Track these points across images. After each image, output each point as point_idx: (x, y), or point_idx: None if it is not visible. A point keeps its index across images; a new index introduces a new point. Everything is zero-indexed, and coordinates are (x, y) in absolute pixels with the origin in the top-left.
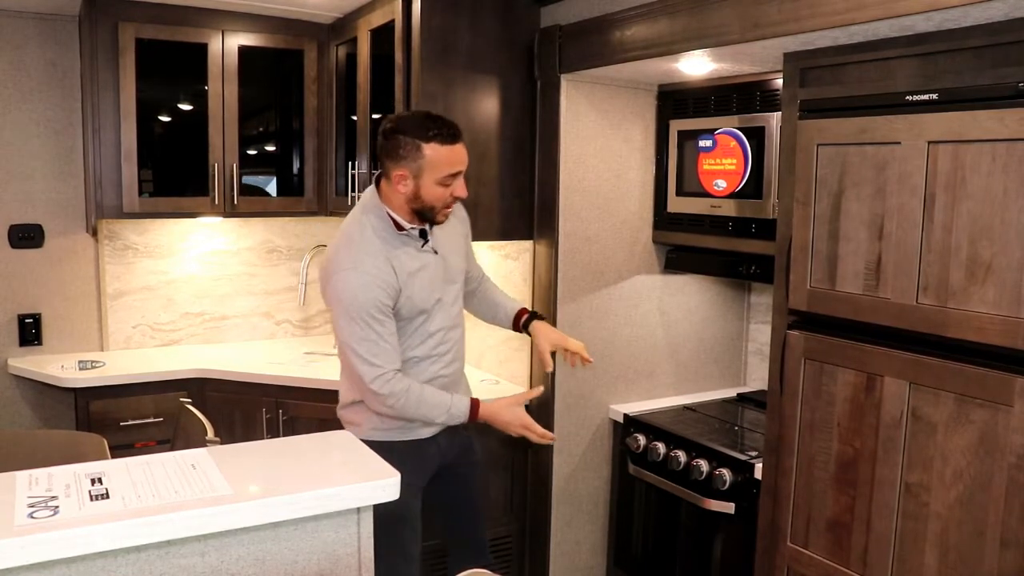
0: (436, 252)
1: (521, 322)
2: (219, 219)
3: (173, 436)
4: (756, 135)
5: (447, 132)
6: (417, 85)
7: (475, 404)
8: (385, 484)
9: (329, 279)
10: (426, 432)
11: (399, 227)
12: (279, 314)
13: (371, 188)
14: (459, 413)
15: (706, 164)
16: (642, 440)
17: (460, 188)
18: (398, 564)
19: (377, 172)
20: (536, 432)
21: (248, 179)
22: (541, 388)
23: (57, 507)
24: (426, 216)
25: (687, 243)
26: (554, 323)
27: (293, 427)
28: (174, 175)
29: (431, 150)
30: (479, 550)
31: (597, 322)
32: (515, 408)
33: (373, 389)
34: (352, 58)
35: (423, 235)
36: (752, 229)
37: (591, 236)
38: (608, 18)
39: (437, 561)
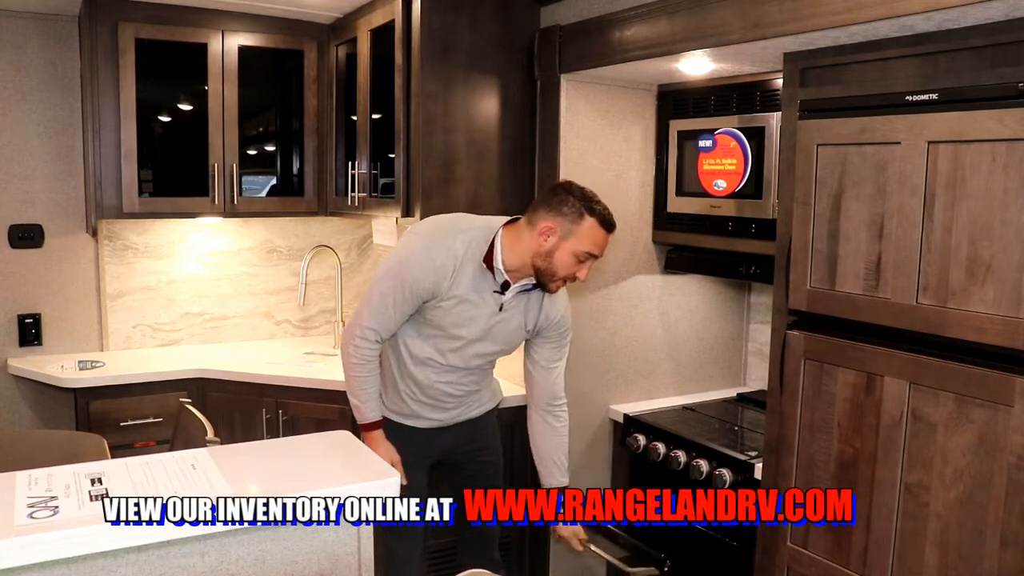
0: (501, 309)
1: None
2: (219, 219)
3: (173, 436)
4: (756, 135)
5: (609, 219)
6: (417, 85)
7: (373, 425)
8: (385, 484)
9: (406, 233)
10: (421, 423)
11: (488, 261)
12: (279, 314)
13: (503, 218)
14: (360, 417)
15: (706, 164)
16: (642, 440)
17: (585, 271)
18: (392, 541)
19: (515, 217)
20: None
21: (248, 179)
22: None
23: (57, 507)
24: (542, 277)
25: (687, 243)
26: None
27: (293, 427)
28: (174, 175)
29: (589, 224)
30: (487, 547)
31: (597, 322)
32: (391, 452)
33: (355, 332)
34: (352, 58)
35: (504, 287)
36: (752, 229)
37: None
38: (608, 18)
39: (448, 556)
